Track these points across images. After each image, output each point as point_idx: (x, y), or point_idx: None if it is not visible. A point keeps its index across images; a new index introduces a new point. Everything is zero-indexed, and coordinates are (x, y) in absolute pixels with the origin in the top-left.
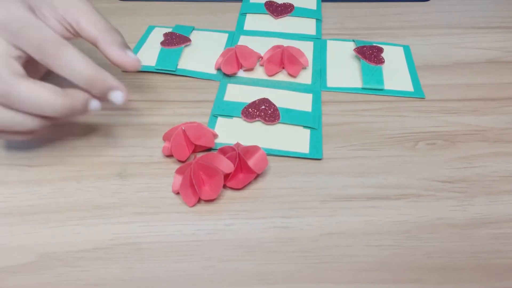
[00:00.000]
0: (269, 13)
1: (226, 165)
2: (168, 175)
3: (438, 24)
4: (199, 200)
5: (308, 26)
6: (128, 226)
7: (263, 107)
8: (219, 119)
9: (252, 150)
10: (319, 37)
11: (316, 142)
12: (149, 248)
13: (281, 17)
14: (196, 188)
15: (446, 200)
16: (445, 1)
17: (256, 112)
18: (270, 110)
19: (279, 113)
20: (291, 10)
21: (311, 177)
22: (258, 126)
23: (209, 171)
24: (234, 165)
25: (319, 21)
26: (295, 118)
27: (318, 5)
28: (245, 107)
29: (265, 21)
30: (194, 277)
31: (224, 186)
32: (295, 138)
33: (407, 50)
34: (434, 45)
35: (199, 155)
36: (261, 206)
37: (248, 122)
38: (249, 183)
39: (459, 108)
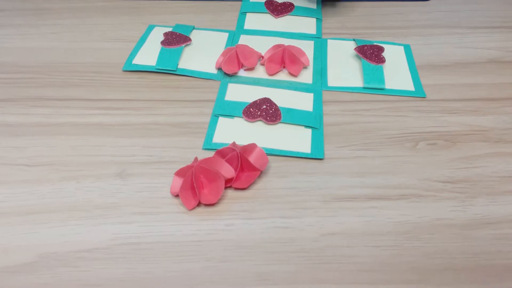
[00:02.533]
0: (269, 12)
1: (227, 170)
2: (168, 175)
3: (439, 24)
4: (198, 204)
5: (308, 25)
6: (128, 226)
7: (264, 106)
8: (220, 119)
9: (250, 148)
10: (319, 36)
11: (317, 142)
12: (149, 248)
13: (281, 16)
14: (197, 191)
15: (446, 201)
16: (445, 1)
17: (258, 112)
18: (272, 110)
19: (280, 112)
20: (291, 9)
21: (312, 177)
22: (259, 126)
23: (210, 175)
24: (236, 165)
25: (319, 20)
26: (297, 117)
27: (318, 4)
28: (246, 107)
29: (265, 20)
30: (194, 277)
31: (230, 187)
32: (296, 138)
33: (407, 49)
34: (434, 45)
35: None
36: (261, 206)
37: (249, 122)
38: (254, 181)
39: (460, 108)
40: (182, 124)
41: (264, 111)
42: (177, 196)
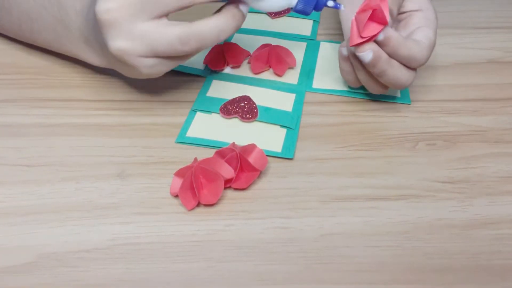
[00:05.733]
0: (266, 12)
1: (226, 170)
2: (167, 176)
3: (439, 24)
4: (198, 204)
5: (303, 27)
6: (128, 226)
7: (242, 104)
8: (198, 114)
9: (249, 148)
10: (313, 38)
11: (290, 141)
12: (148, 248)
13: (278, 17)
14: (196, 191)
15: (446, 201)
16: (445, 1)
17: (235, 109)
18: (249, 108)
19: (257, 111)
20: (289, 11)
21: (311, 177)
22: (235, 123)
23: (210, 175)
24: (236, 165)
25: (316, 22)
26: (273, 117)
27: None
28: (224, 104)
29: (261, 21)
30: (194, 278)
31: (229, 187)
32: (269, 137)
33: None
34: None
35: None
36: (261, 206)
37: (225, 118)
38: (253, 182)
39: (459, 108)
40: (182, 125)
41: (241, 109)
42: (176, 196)
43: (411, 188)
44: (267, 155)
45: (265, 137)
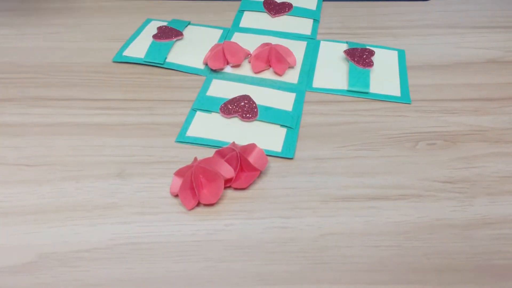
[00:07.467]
0: (266, 11)
1: (226, 170)
2: (167, 175)
3: (439, 24)
4: (198, 204)
5: (304, 26)
6: (128, 226)
7: (242, 103)
8: (198, 113)
9: (249, 148)
10: (313, 37)
11: (290, 141)
12: (148, 248)
13: (278, 16)
14: (196, 191)
15: (446, 201)
16: (445, 1)
17: (235, 108)
18: (249, 107)
19: (257, 110)
20: (289, 10)
21: (311, 177)
22: (235, 122)
23: (210, 175)
24: (236, 165)
25: (316, 21)
26: (273, 116)
27: (318, 6)
28: (224, 103)
29: (261, 19)
30: (194, 278)
31: (229, 187)
32: (269, 136)
33: (401, 54)
34: (434, 45)
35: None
36: (261, 206)
37: (225, 117)
38: (254, 181)
39: (460, 108)
40: (181, 124)
41: (241, 108)
42: (176, 196)
43: (411, 188)
44: (267, 155)
45: (265, 136)
